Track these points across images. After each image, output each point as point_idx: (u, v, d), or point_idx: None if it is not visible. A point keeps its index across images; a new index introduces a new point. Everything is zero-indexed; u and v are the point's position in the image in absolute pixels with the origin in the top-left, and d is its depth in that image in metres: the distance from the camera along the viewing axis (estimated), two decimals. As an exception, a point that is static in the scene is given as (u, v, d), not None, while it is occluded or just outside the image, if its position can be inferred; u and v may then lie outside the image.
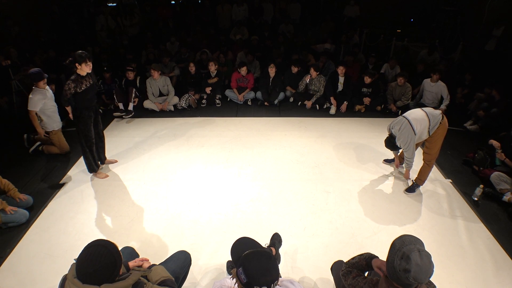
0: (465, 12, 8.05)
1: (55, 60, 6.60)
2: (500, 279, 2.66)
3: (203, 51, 7.01)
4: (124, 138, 4.90)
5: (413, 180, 3.70)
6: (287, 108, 6.05)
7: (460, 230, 3.15)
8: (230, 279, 1.75)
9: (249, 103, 6.23)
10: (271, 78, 6.05)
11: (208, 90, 6.10)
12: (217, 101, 6.13)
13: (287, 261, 2.79)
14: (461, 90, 6.02)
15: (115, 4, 9.04)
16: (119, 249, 1.57)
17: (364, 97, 5.85)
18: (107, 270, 1.45)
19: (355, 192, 3.68)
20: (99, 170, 3.94)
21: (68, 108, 3.71)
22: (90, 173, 3.89)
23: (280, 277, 1.58)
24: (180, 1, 9.57)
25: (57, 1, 8.55)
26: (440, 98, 5.53)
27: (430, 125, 3.27)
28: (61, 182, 3.87)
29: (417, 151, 3.92)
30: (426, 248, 1.45)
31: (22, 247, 2.94)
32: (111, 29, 8.20)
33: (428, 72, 5.68)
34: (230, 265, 2.63)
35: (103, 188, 3.75)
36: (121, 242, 2.89)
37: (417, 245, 1.43)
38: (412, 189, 3.67)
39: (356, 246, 2.95)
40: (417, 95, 5.83)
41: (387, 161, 4.24)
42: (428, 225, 3.21)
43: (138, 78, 5.81)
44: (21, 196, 3.34)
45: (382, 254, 1.74)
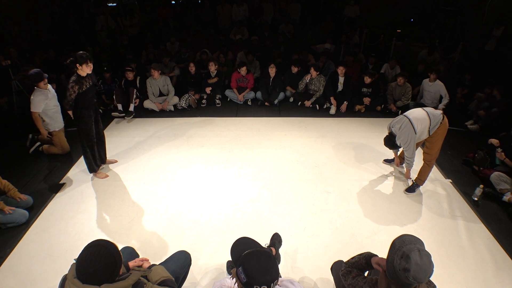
0: (465, 12, 8.05)
1: (55, 60, 6.61)
2: (500, 279, 2.66)
3: (203, 51, 7.01)
4: (124, 138, 4.90)
5: (413, 180, 3.70)
6: (287, 108, 6.05)
7: (460, 230, 3.15)
8: (230, 279, 1.75)
9: (249, 103, 6.23)
10: (271, 78, 6.05)
11: (208, 90, 6.10)
12: (217, 101, 6.13)
13: (287, 261, 2.79)
14: (461, 90, 6.02)
15: (115, 4, 9.05)
16: (119, 249, 1.57)
17: (364, 97, 5.85)
18: (107, 270, 1.45)
19: (355, 192, 3.68)
20: (99, 170, 3.93)
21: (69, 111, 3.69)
22: (90, 173, 3.89)
23: (280, 277, 1.58)
24: (180, 1, 9.57)
25: (57, 1, 8.55)
26: (439, 98, 5.54)
27: (430, 125, 3.27)
28: (61, 182, 3.87)
29: (417, 151, 3.93)
30: (426, 248, 1.45)
31: (22, 247, 2.94)
32: (111, 29, 8.20)
33: (428, 72, 5.68)
34: (230, 265, 2.63)
35: (103, 188, 3.75)
36: (121, 242, 2.90)
37: (417, 245, 1.43)
38: (412, 189, 3.67)
39: (356, 246, 2.95)
40: (417, 95, 5.83)
41: (387, 161, 4.25)
42: (428, 225, 3.21)
43: (138, 78, 5.81)
44: (21, 196, 3.34)
45: (382, 254, 1.74)
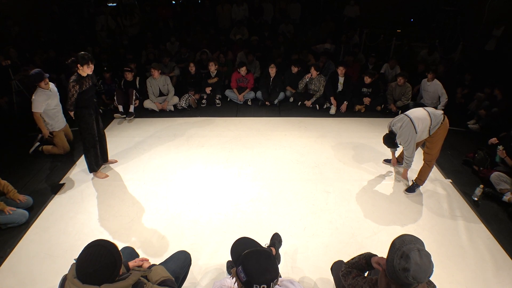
0: (465, 12, 8.04)
1: (55, 60, 6.61)
2: (500, 279, 2.66)
3: (203, 51, 7.01)
4: (124, 138, 4.90)
5: (413, 180, 3.70)
6: (287, 108, 6.05)
7: (460, 230, 3.15)
8: (230, 278, 1.75)
9: (249, 103, 6.23)
10: (271, 78, 6.05)
11: (208, 90, 6.10)
12: (217, 101, 6.13)
13: (287, 261, 2.79)
14: (461, 90, 6.02)
15: (115, 4, 9.04)
16: (119, 249, 1.57)
17: (364, 97, 5.85)
18: (107, 270, 1.45)
19: (355, 192, 3.68)
20: (100, 170, 3.93)
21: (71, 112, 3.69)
22: (90, 173, 3.89)
23: (280, 277, 1.58)
24: (180, 1, 9.57)
25: (57, 1, 8.55)
26: (438, 98, 5.52)
27: (431, 125, 3.27)
28: (61, 182, 3.87)
29: (417, 151, 3.92)
30: (426, 248, 1.45)
31: (22, 247, 2.94)
32: (111, 29, 8.20)
33: (426, 72, 5.67)
34: (230, 265, 2.64)
35: (103, 188, 3.75)
36: (121, 242, 2.90)
37: (417, 245, 1.43)
38: (412, 189, 3.67)
39: (356, 246, 2.95)
40: (417, 95, 5.83)
41: (387, 161, 4.24)
42: (428, 225, 3.21)
43: (137, 79, 5.80)
44: (21, 197, 3.33)
45: (382, 254, 1.74)
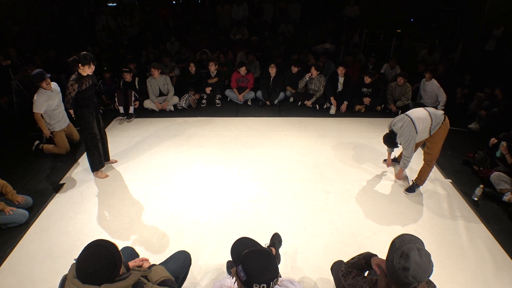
0: (465, 12, 8.03)
1: (55, 60, 6.61)
2: (500, 279, 2.66)
3: (203, 51, 7.00)
4: (124, 138, 4.90)
5: (413, 180, 3.70)
6: (287, 108, 6.05)
7: (460, 230, 3.15)
8: (230, 278, 1.75)
9: (249, 103, 6.23)
10: (271, 78, 6.04)
11: (208, 90, 6.10)
12: (217, 101, 6.13)
13: (287, 261, 2.79)
14: (461, 90, 6.02)
15: (115, 4, 9.04)
16: (119, 249, 1.57)
17: (364, 97, 5.85)
18: (107, 270, 1.45)
19: (355, 192, 3.68)
20: (101, 170, 3.93)
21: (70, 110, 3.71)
22: (92, 172, 3.89)
23: (280, 277, 1.58)
24: (180, 1, 9.56)
25: (57, 1, 8.55)
26: (437, 97, 5.51)
27: (432, 125, 3.26)
28: (61, 182, 3.87)
29: (417, 151, 3.92)
30: (426, 248, 1.45)
31: (22, 247, 2.94)
32: (111, 29, 8.20)
33: (424, 71, 5.65)
34: (230, 265, 2.64)
35: (103, 188, 3.75)
36: (121, 242, 2.90)
37: (416, 244, 1.43)
38: (412, 189, 3.67)
39: (356, 246, 2.95)
40: (417, 95, 5.82)
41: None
42: (428, 225, 3.21)
43: (136, 79, 5.79)
44: (19, 199, 3.31)
45: (382, 254, 1.74)
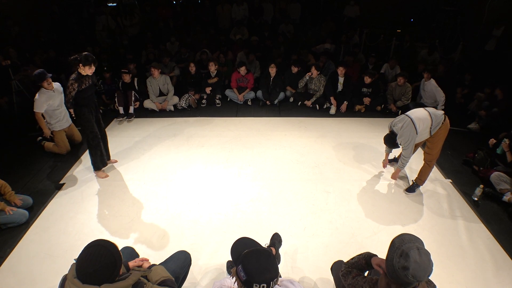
0: (465, 12, 8.04)
1: (55, 60, 6.61)
2: (500, 279, 2.66)
3: (203, 51, 7.00)
4: (124, 138, 4.90)
5: (413, 180, 3.71)
6: (287, 108, 6.04)
7: (460, 230, 3.15)
8: (230, 278, 1.75)
9: (249, 103, 6.23)
10: (271, 78, 6.04)
11: (208, 90, 6.10)
12: (217, 101, 6.13)
13: (287, 261, 2.79)
14: (461, 90, 6.02)
15: (115, 4, 9.04)
16: (119, 249, 1.57)
17: (364, 97, 5.85)
18: (107, 270, 1.45)
19: (355, 192, 3.68)
20: (102, 169, 3.94)
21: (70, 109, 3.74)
22: (95, 171, 3.90)
23: (280, 277, 1.58)
24: (180, 1, 9.56)
25: (57, 1, 8.55)
26: (436, 97, 5.50)
27: (432, 125, 3.26)
28: (61, 182, 3.87)
29: (417, 151, 3.92)
30: (426, 248, 1.45)
31: (22, 247, 2.94)
32: (111, 29, 8.20)
33: (423, 72, 5.64)
34: (230, 265, 2.64)
35: (103, 188, 3.75)
36: (121, 242, 2.90)
37: (416, 243, 1.43)
38: (412, 189, 3.67)
39: (356, 246, 2.95)
40: (417, 94, 5.82)
41: (388, 162, 4.23)
42: (428, 225, 3.21)
43: (135, 80, 5.78)
44: (17, 201, 3.27)
45: (382, 254, 1.74)
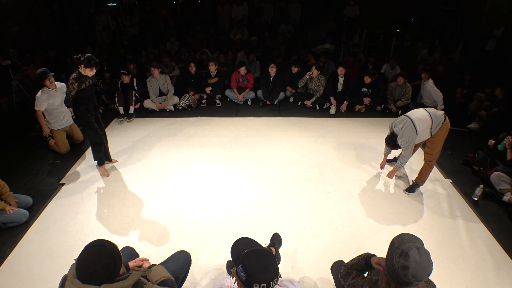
0: (465, 12, 8.04)
1: (55, 60, 6.61)
2: (500, 279, 2.66)
3: (203, 51, 7.00)
4: (124, 138, 4.90)
5: (413, 180, 3.71)
6: (287, 108, 6.04)
7: (460, 230, 3.15)
8: (230, 278, 1.75)
9: (249, 103, 6.23)
10: (271, 78, 6.04)
11: (208, 90, 6.10)
12: (217, 101, 6.13)
13: (287, 261, 2.79)
14: (461, 90, 6.01)
15: (115, 4, 9.04)
16: (119, 249, 1.57)
17: (364, 97, 5.85)
18: (107, 270, 1.45)
19: (355, 192, 3.68)
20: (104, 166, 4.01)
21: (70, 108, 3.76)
22: (99, 166, 3.95)
23: (280, 277, 1.58)
24: (180, 1, 9.56)
25: (57, 1, 8.55)
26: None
27: (432, 125, 3.26)
28: (61, 182, 3.87)
29: (417, 152, 3.92)
30: (426, 248, 1.45)
31: (22, 247, 2.94)
32: (111, 29, 8.20)
33: (422, 72, 5.64)
34: (230, 265, 2.64)
35: (103, 188, 3.75)
36: (121, 242, 2.90)
37: (416, 243, 1.43)
38: (412, 189, 3.67)
39: (356, 246, 2.95)
40: (418, 94, 5.82)
41: (387, 161, 4.23)
42: (428, 225, 3.21)
43: (134, 80, 5.77)
44: (12, 203, 3.23)
45: (382, 254, 1.74)
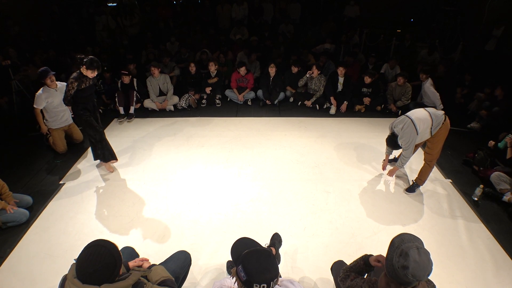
0: (465, 12, 8.04)
1: (55, 60, 6.61)
2: (500, 279, 2.66)
3: (203, 51, 7.01)
4: (124, 138, 4.90)
5: (413, 180, 3.71)
6: (287, 108, 6.04)
7: (460, 230, 3.15)
8: (230, 278, 1.75)
9: (249, 103, 6.23)
10: (271, 78, 6.04)
11: (208, 90, 6.10)
12: (217, 101, 6.13)
13: (287, 261, 2.79)
14: (461, 90, 6.01)
15: (115, 4, 9.04)
16: (119, 249, 1.57)
17: (364, 97, 5.85)
18: (107, 270, 1.45)
19: (355, 192, 3.68)
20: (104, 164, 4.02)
21: (69, 107, 3.76)
22: (104, 163, 3.97)
23: (280, 277, 1.58)
24: (180, 1, 9.56)
25: (57, 1, 8.55)
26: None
27: (432, 125, 3.26)
28: (61, 182, 3.87)
29: (417, 151, 3.92)
30: (426, 247, 1.45)
31: (22, 247, 2.95)
32: (111, 29, 8.20)
33: (421, 72, 5.63)
34: (230, 265, 2.64)
35: (103, 188, 3.75)
36: (121, 242, 2.89)
37: (415, 243, 1.43)
38: (412, 189, 3.67)
39: (356, 246, 2.95)
40: (418, 94, 5.81)
41: (389, 162, 4.22)
42: (428, 225, 3.21)
43: (134, 80, 5.76)
44: (11, 203, 3.20)
45: (382, 254, 1.74)
